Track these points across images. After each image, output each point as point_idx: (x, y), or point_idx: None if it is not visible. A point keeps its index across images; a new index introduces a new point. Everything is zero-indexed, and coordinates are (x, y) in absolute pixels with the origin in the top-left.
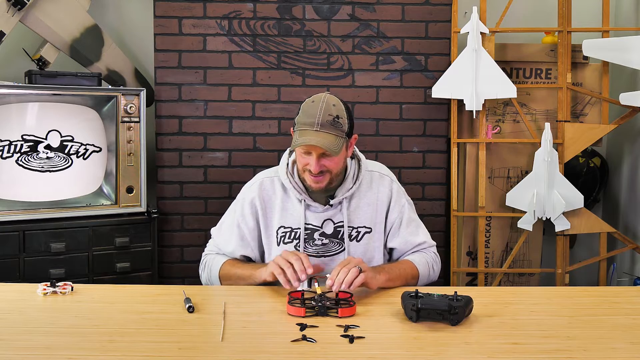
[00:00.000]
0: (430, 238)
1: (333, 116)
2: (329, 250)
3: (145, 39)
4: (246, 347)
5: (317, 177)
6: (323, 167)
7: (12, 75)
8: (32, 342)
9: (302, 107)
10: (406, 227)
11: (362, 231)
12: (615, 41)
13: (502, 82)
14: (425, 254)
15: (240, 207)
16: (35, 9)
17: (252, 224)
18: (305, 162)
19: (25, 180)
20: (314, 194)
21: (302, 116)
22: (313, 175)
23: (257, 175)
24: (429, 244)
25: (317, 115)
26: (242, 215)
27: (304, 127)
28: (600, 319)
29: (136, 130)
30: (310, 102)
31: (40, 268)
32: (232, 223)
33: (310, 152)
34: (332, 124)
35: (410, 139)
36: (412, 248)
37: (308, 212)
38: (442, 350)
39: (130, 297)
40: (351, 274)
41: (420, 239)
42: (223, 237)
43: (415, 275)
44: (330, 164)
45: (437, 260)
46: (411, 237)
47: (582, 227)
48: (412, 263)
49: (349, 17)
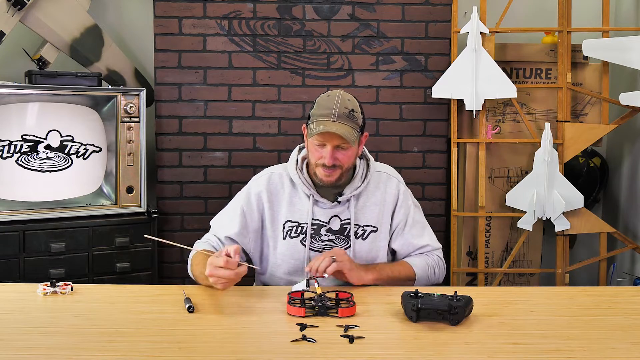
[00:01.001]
0: (435, 241)
1: (349, 109)
2: (334, 246)
3: (145, 39)
4: (246, 347)
5: (329, 171)
6: (336, 160)
7: (12, 75)
8: (32, 342)
9: (318, 101)
10: (410, 229)
11: (368, 230)
12: (615, 41)
13: (502, 82)
14: (427, 256)
15: (247, 197)
16: (35, 9)
17: (256, 216)
18: (319, 155)
19: (25, 180)
20: (322, 190)
21: (317, 109)
22: (325, 168)
23: (267, 169)
24: (433, 247)
25: (333, 107)
26: (247, 205)
27: (321, 118)
28: (600, 319)
29: (136, 130)
30: (325, 96)
31: (40, 268)
32: (235, 209)
33: (325, 144)
34: (348, 116)
35: (410, 139)
36: (415, 250)
37: (316, 208)
38: (442, 350)
39: (130, 297)
40: (324, 262)
41: (424, 242)
42: (222, 221)
43: (411, 277)
44: (343, 158)
45: (441, 263)
46: (414, 239)
47: (582, 227)
48: (409, 265)
49: (349, 17)
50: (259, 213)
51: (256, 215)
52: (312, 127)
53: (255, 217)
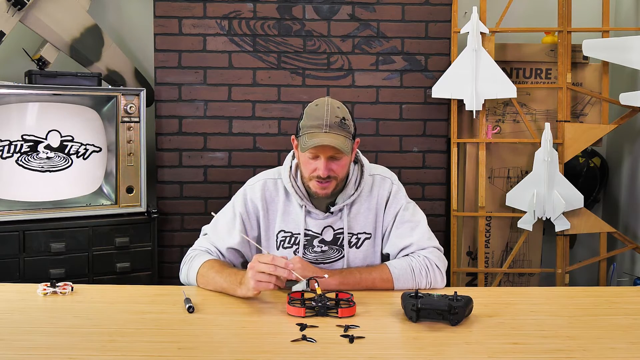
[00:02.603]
0: (424, 240)
1: (340, 118)
2: (327, 257)
3: (145, 39)
4: (246, 347)
5: (324, 184)
6: (331, 171)
7: (12, 75)
8: (32, 342)
9: (306, 112)
10: (396, 229)
11: (362, 237)
12: (615, 41)
13: (502, 82)
14: (412, 258)
15: (243, 204)
16: (35, 9)
17: (254, 224)
18: (313, 168)
19: (25, 180)
20: (316, 200)
21: (307, 120)
22: (320, 181)
23: (260, 174)
24: (418, 247)
25: (324, 118)
26: (245, 212)
27: (312, 129)
28: (600, 319)
29: (136, 130)
30: (314, 105)
31: (40, 268)
32: (234, 217)
33: (318, 156)
34: (339, 126)
35: (410, 139)
36: (399, 251)
37: (308, 218)
38: (442, 350)
39: (130, 297)
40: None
41: (407, 242)
42: (220, 232)
43: (387, 279)
44: (337, 168)
45: (431, 263)
46: (398, 239)
47: (582, 227)
48: (386, 267)
49: (349, 17)
50: (256, 220)
51: (255, 222)
52: (303, 140)
53: (254, 225)
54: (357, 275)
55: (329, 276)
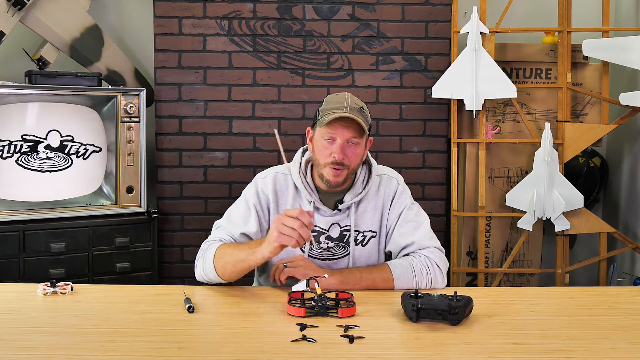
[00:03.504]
0: (426, 240)
1: (359, 106)
2: (333, 254)
3: (145, 39)
4: (246, 347)
5: (338, 170)
6: (345, 158)
7: (12, 75)
8: (32, 342)
9: (326, 100)
10: (399, 228)
11: (368, 235)
12: (615, 41)
13: (502, 82)
14: (413, 257)
15: (255, 194)
16: (35, 9)
17: (267, 215)
18: (328, 152)
19: (25, 180)
20: (324, 197)
21: (327, 105)
22: (335, 167)
23: (269, 169)
24: (419, 246)
25: (345, 102)
26: (258, 203)
27: (333, 110)
28: (600, 319)
29: (136, 130)
30: (334, 95)
31: (40, 268)
32: (247, 209)
33: (335, 139)
34: (359, 111)
35: (410, 139)
36: (400, 250)
37: (316, 215)
38: (442, 350)
39: (130, 297)
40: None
41: (409, 240)
42: (235, 221)
43: (387, 279)
44: (351, 156)
45: (432, 263)
46: (400, 238)
47: (582, 227)
48: (387, 266)
49: (349, 17)
50: (267, 211)
51: (267, 213)
52: (322, 120)
53: (266, 216)
54: (358, 275)
55: (329, 276)
